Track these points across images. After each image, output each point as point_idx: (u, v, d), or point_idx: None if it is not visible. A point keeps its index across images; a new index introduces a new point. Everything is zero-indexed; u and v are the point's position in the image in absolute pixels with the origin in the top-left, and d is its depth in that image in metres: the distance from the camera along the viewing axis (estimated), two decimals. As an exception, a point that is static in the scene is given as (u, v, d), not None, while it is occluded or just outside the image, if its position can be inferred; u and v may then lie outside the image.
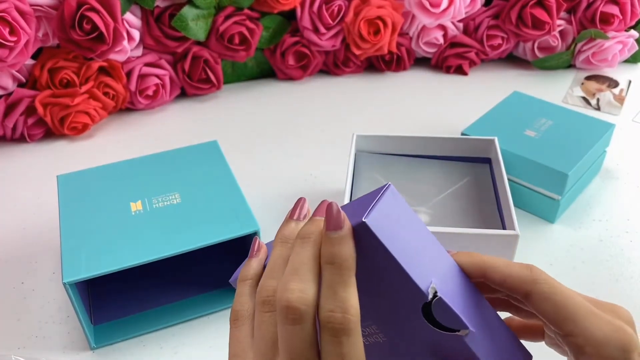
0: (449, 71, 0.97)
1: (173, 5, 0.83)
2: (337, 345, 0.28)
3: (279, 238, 0.32)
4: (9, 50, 0.70)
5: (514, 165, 0.65)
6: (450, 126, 0.81)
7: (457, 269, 0.32)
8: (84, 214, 0.54)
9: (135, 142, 0.82)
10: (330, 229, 0.29)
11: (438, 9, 0.89)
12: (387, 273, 0.29)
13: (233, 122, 0.86)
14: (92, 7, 0.73)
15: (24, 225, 0.67)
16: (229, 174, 0.58)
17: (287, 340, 0.28)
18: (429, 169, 0.67)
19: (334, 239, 0.29)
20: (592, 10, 0.91)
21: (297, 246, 0.30)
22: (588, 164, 0.66)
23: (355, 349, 0.28)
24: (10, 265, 0.61)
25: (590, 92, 0.91)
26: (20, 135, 0.81)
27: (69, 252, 0.49)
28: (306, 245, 0.29)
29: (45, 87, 0.78)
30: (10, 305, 0.57)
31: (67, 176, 0.59)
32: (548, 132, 0.68)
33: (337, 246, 0.29)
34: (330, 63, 0.96)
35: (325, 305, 0.28)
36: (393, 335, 0.32)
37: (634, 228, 0.64)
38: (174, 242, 0.50)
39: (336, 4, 0.88)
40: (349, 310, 0.28)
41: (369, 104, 0.89)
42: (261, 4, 0.87)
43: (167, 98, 0.88)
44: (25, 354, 0.52)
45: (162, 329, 0.54)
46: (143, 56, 0.85)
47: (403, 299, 0.29)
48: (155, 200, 0.55)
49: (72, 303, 0.48)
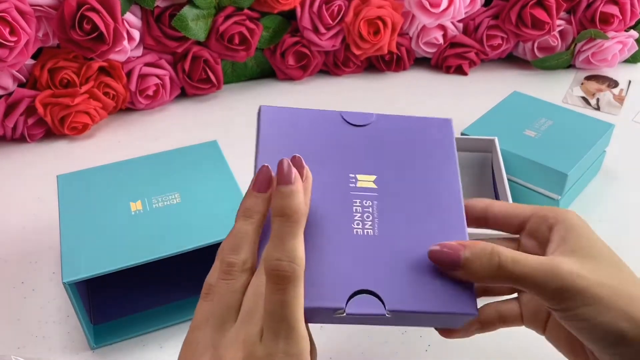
0: (449, 71, 0.97)
1: (173, 6, 0.83)
2: (280, 293, 0.29)
3: (241, 212, 0.34)
4: (9, 50, 0.70)
5: (513, 165, 0.65)
6: (450, 126, 0.81)
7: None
8: (83, 214, 0.54)
9: (135, 142, 0.82)
10: (280, 184, 0.31)
11: (438, 9, 0.89)
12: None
13: (233, 122, 0.86)
14: (92, 7, 0.73)
15: (24, 224, 0.67)
16: (229, 174, 0.58)
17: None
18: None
19: (284, 192, 0.31)
20: (592, 10, 0.91)
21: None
22: (588, 164, 0.66)
23: (297, 298, 0.29)
24: (10, 264, 0.61)
25: (590, 92, 0.91)
26: (20, 135, 0.81)
27: (68, 252, 0.49)
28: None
29: (45, 87, 0.78)
30: (9, 305, 0.57)
31: (67, 176, 0.59)
32: (548, 132, 0.68)
33: (286, 199, 0.31)
34: (330, 63, 0.96)
35: (273, 254, 0.30)
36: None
37: (634, 228, 0.64)
38: (174, 242, 0.50)
39: (336, 4, 0.88)
40: (295, 260, 0.29)
41: (369, 104, 0.89)
42: (261, 4, 0.87)
43: (167, 98, 0.88)
44: (25, 354, 0.52)
45: (163, 328, 0.54)
46: (143, 56, 0.85)
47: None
48: (155, 200, 0.55)
49: (72, 303, 0.48)
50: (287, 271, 0.29)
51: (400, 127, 0.42)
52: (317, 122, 0.41)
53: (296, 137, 0.40)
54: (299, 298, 0.30)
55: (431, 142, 0.42)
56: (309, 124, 0.41)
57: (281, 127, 0.40)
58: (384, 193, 0.38)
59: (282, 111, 0.42)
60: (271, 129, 0.40)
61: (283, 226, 0.31)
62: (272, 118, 0.41)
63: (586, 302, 0.32)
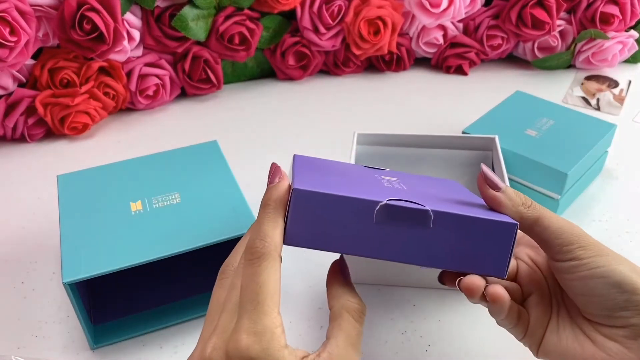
0: (449, 71, 0.97)
1: (173, 6, 0.83)
2: (252, 267, 0.33)
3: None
4: (9, 50, 0.70)
5: (514, 164, 0.65)
6: (450, 126, 0.81)
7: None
8: (84, 214, 0.54)
9: (135, 142, 0.82)
10: (269, 183, 0.36)
11: (438, 9, 0.89)
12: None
13: (233, 122, 0.86)
14: (93, 7, 0.73)
15: (24, 225, 0.67)
16: (229, 174, 0.58)
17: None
18: (430, 168, 0.67)
19: (269, 188, 0.36)
20: (592, 11, 0.91)
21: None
22: (588, 164, 0.66)
23: (268, 273, 0.32)
24: (10, 265, 0.61)
25: (590, 92, 0.91)
26: (20, 135, 0.81)
27: (68, 252, 0.49)
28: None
29: (45, 87, 0.78)
30: (10, 305, 0.57)
31: (67, 176, 0.59)
32: (549, 132, 0.68)
33: (269, 192, 0.35)
34: (330, 63, 0.96)
35: (250, 236, 0.34)
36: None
37: (634, 228, 0.64)
38: (174, 242, 0.50)
39: (336, 4, 0.88)
40: (266, 239, 0.33)
41: (369, 104, 0.89)
42: (261, 4, 0.87)
43: (167, 98, 0.88)
44: (25, 354, 0.52)
45: (163, 328, 0.54)
46: (143, 56, 0.85)
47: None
48: (155, 200, 0.55)
49: (72, 303, 0.48)
50: (258, 247, 0.33)
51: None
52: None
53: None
54: (269, 274, 0.32)
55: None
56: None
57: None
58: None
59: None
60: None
61: (263, 213, 0.35)
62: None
63: (599, 253, 0.36)
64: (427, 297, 0.56)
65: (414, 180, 0.45)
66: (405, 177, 0.46)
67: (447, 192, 0.43)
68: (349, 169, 0.45)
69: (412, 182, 0.44)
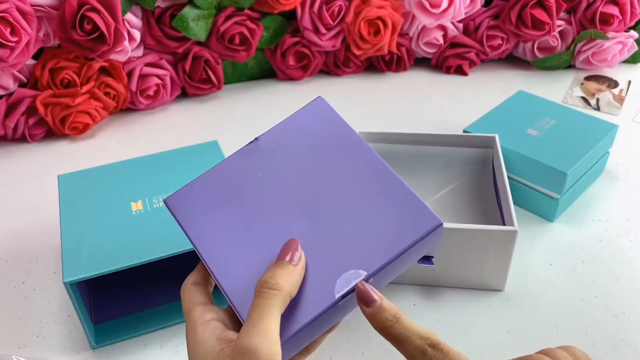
0: (449, 71, 0.97)
1: (174, 6, 0.83)
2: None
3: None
4: (10, 50, 0.70)
5: (514, 163, 0.65)
6: (450, 126, 0.81)
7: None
8: (84, 214, 0.54)
9: (135, 142, 0.82)
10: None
11: (438, 9, 0.89)
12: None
13: (233, 122, 0.86)
14: (93, 7, 0.74)
15: (25, 224, 0.67)
16: (229, 174, 0.59)
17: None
18: (430, 166, 0.67)
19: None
20: (591, 11, 0.91)
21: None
22: (589, 164, 0.66)
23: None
24: (11, 264, 0.61)
25: (590, 93, 0.91)
26: (21, 135, 0.81)
27: (69, 252, 0.49)
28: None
29: (46, 87, 0.78)
30: (10, 305, 0.57)
31: (68, 176, 0.59)
32: (550, 132, 0.68)
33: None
34: (330, 63, 0.96)
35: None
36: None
37: (634, 228, 0.64)
38: (174, 242, 0.50)
39: (336, 5, 0.88)
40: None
41: (369, 104, 0.89)
42: (262, 4, 0.87)
43: (167, 98, 0.89)
44: (26, 354, 0.52)
45: (163, 328, 0.54)
46: (144, 56, 0.85)
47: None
48: (156, 200, 0.55)
49: (72, 303, 0.48)
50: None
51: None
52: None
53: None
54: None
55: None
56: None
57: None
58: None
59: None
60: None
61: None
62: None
63: None
64: (427, 297, 0.56)
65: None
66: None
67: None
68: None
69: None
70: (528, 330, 0.52)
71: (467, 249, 0.53)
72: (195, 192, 0.39)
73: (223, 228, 0.37)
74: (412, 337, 0.32)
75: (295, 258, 0.34)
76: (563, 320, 0.53)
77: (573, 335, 0.52)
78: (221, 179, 0.39)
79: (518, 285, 0.57)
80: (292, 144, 0.40)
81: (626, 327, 0.52)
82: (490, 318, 0.54)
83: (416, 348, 0.32)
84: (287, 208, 0.37)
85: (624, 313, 0.54)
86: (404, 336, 0.32)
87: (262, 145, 0.40)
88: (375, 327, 0.34)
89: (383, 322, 0.33)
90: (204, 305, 0.36)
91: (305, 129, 0.40)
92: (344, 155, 0.39)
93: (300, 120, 0.41)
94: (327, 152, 0.39)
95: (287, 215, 0.37)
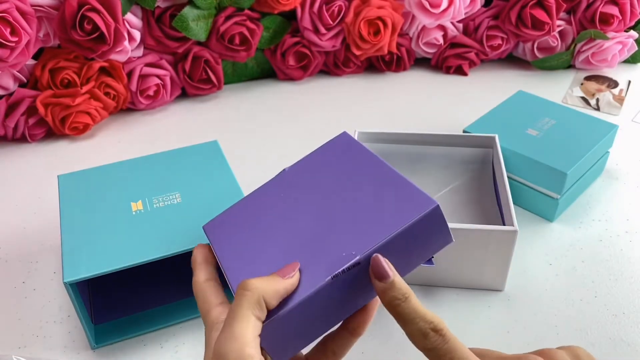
0: (449, 71, 0.97)
1: (174, 6, 0.83)
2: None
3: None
4: (10, 50, 0.70)
5: (514, 163, 0.65)
6: (450, 126, 0.82)
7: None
8: (84, 214, 0.54)
9: (135, 142, 0.82)
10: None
11: (438, 9, 0.89)
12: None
13: (233, 122, 0.86)
14: (93, 7, 0.74)
15: (25, 224, 0.67)
16: (229, 174, 0.59)
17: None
18: (430, 166, 0.67)
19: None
20: (591, 11, 0.91)
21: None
22: (589, 164, 0.66)
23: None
24: (10, 264, 0.61)
25: (590, 93, 0.91)
26: (21, 135, 0.81)
27: (69, 252, 0.49)
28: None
29: (46, 87, 0.78)
30: (10, 305, 0.57)
31: (68, 176, 0.59)
32: (550, 132, 0.68)
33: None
34: (330, 63, 0.96)
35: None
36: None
37: (634, 228, 0.64)
38: (174, 242, 0.50)
39: (336, 5, 0.88)
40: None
41: (370, 105, 0.89)
42: (262, 5, 0.87)
43: (167, 98, 0.89)
44: (26, 354, 0.52)
45: (163, 328, 0.54)
46: (144, 56, 0.85)
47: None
48: (156, 200, 0.55)
49: (72, 303, 0.48)
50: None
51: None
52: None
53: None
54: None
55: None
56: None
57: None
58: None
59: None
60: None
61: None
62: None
63: None
64: (427, 297, 0.56)
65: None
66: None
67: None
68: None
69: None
70: (528, 330, 0.53)
71: (467, 249, 0.53)
72: (228, 219, 0.43)
73: (248, 252, 0.39)
74: (417, 319, 0.33)
75: (287, 274, 0.35)
76: (563, 320, 0.53)
77: (573, 335, 0.52)
78: (251, 205, 0.43)
79: (518, 285, 0.57)
80: (315, 169, 0.43)
81: (626, 327, 0.52)
82: (490, 318, 0.54)
83: (419, 330, 0.33)
84: (299, 218, 0.40)
85: (624, 313, 0.54)
86: (409, 317, 0.33)
87: (288, 175, 0.44)
88: (383, 302, 0.34)
89: (392, 299, 0.34)
90: (223, 306, 0.36)
91: (329, 158, 0.44)
92: (361, 169, 0.41)
93: (324, 152, 0.44)
94: (348, 172, 0.41)
95: (298, 225, 0.39)
